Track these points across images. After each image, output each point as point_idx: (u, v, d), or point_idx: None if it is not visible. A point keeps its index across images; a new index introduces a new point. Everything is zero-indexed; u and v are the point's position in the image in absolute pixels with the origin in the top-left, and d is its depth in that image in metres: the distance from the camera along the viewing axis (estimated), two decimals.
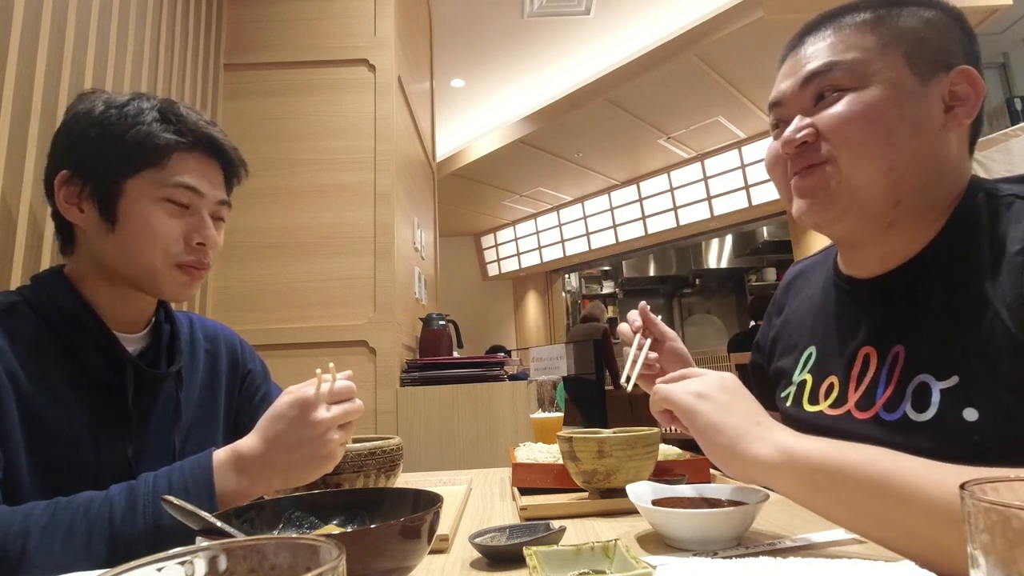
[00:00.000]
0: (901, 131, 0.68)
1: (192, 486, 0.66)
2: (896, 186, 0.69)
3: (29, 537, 0.59)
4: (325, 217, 2.11)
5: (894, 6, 0.73)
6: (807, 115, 0.73)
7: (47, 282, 0.81)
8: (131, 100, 0.82)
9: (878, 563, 0.48)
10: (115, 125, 0.80)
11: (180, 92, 1.82)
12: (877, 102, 0.68)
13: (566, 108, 4.93)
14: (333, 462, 0.71)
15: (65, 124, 0.83)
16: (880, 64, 0.69)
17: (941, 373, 0.65)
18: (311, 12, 2.22)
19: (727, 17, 3.82)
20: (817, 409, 0.79)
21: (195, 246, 0.83)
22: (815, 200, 0.72)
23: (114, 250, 0.81)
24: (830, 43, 0.72)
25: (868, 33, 0.71)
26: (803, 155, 0.72)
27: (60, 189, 0.80)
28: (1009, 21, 4.86)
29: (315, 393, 0.71)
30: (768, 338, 0.98)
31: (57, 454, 0.74)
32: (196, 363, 0.94)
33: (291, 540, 0.28)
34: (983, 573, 0.30)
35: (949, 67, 0.70)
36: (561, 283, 8.32)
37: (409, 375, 2.14)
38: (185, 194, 0.82)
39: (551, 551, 0.54)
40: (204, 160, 0.85)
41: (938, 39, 0.71)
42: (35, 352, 0.75)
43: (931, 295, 0.69)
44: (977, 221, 0.68)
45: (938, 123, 0.69)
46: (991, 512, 0.29)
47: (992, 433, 0.61)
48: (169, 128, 0.81)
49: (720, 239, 8.36)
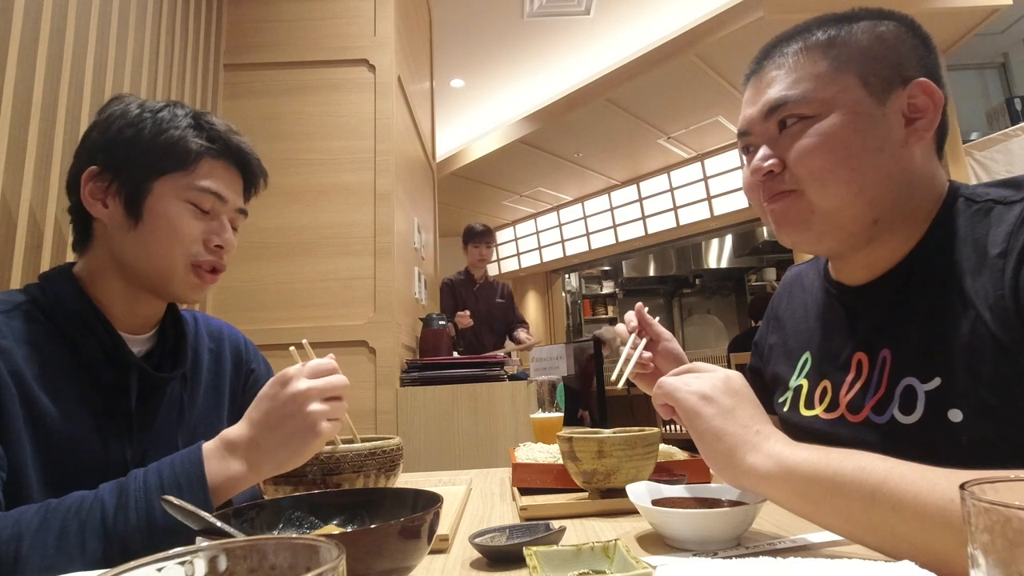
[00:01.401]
0: (864, 154, 0.69)
1: (184, 479, 0.65)
2: (870, 206, 0.70)
3: (22, 541, 0.59)
4: (325, 217, 2.11)
5: (845, 23, 0.73)
6: (773, 143, 0.74)
7: (55, 281, 0.81)
8: (166, 106, 0.85)
9: (878, 563, 0.48)
10: (149, 128, 0.82)
11: (180, 92, 1.82)
12: (837, 130, 0.69)
13: (566, 108, 4.93)
14: (320, 438, 0.69)
15: (99, 123, 0.84)
16: (835, 89, 0.70)
17: (925, 376, 0.67)
18: (311, 12, 2.22)
19: (727, 17, 3.82)
20: (813, 414, 0.80)
21: (213, 248, 0.86)
22: (790, 225, 0.74)
23: (134, 246, 0.82)
24: (786, 71, 0.73)
25: (820, 58, 0.72)
26: (772, 183, 0.74)
27: (87, 184, 0.82)
28: (1009, 21, 4.86)
29: (295, 368, 0.71)
30: (765, 343, 0.99)
31: (62, 455, 0.74)
32: (200, 362, 0.95)
33: (291, 540, 0.28)
34: (983, 573, 0.30)
35: (905, 81, 0.70)
36: (561, 283, 8.31)
37: (409, 375, 2.14)
38: (209, 199, 0.85)
39: (551, 551, 0.54)
40: (230, 169, 0.88)
41: (891, 55, 0.71)
42: (40, 352, 0.75)
43: (916, 300, 0.71)
44: (957, 226, 0.69)
45: (900, 139, 0.70)
46: (991, 512, 0.29)
47: (978, 433, 0.62)
48: (201, 135, 0.84)
49: (720, 239, 8.35)
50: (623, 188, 6.60)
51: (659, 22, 4.13)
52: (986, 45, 5.19)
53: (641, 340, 0.97)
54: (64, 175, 1.24)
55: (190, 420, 0.90)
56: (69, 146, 1.27)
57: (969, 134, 4.69)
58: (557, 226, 7.38)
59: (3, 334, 0.73)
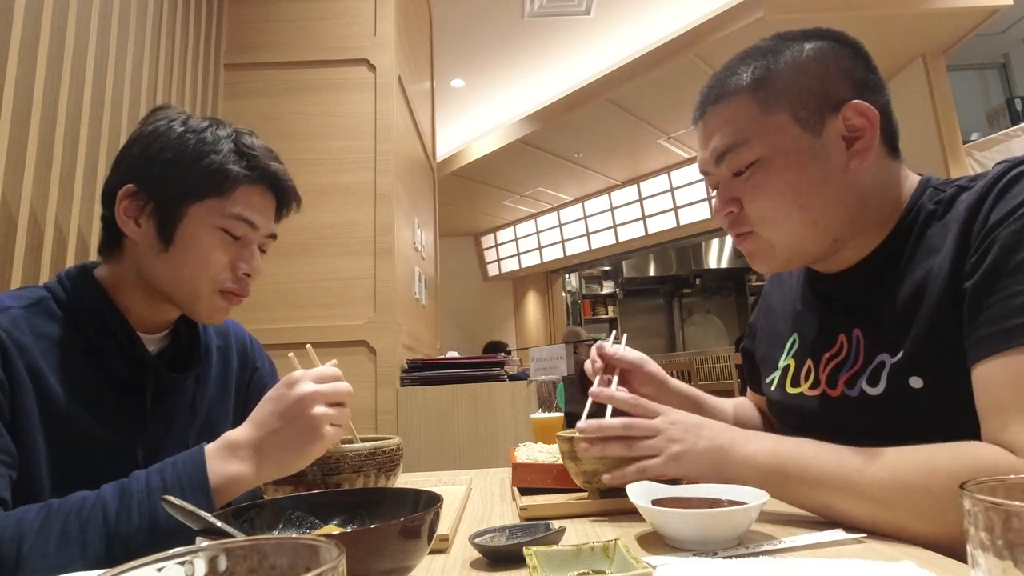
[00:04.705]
0: (810, 189, 0.72)
1: (186, 480, 0.65)
2: (826, 231, 0.74)
3: (23, 541, 0.59)
4: (325, 217, 2.11)
5: (771, 55, 0.75)
6: (729, 184, 0.78)
7: (76, 280, 0.81)
8: (208, 127, 0.84)
9: (878, 563, 0.48)
10: (191, 150, 0.81)
11: (180, 92, 1.82)
12: (780, 172, 0.73)
13: (566, 108, 4.93)
14: (323, 442, 0.70)
15: (141, 138, 0.83)
16: (771, 131, 0.73)
17: (894, 350, 0.70)
18: (311, 12, 2.22)
19: (727, 17, 3.82)
20: (798, 391, 0.85)
21: (241, 276, 0.85)
22: (758, 259, 0.80)
23: (163, 269, 0.82)
24: (724, 120, 0.76)
25: (751, 102, 0.74)
26: (734, 224, 0.79)
27: (122, 202, 0.81)
28: (1009, 21, 4.86)
29: (301, 372, 0.71)
30: (758, 326, 1.03)
31: (75, 453, 0.74)
32: (209, 360, 0.95)
33: (291, 540, 0.28)
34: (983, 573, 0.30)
35: (836, 106, 0.72)
36: (561, 283, 8.31)
37: (409, 375, 2.14)
38: (241, 227, 0.84)
39: (551, 551, 0.54)
40: (265, 194, 0.88)
41: (816, 84, 0.73)
42: (58, 349, 0.75)
43: (886, 281, 0.74)
44: (925, 214, 0.73)
45: (842, 164, 0.73)
46: (991, 512, 0.29)
47: (937, 400, 0.66)
48: (241, 162, 0.83)
49: (720, 239, 8.35)
50: (623, 188, 6.60)
51: (659, 22, 4.13)
52: (986, 45, 5.19)
53: (613, 378, 0.92)
54: (64, 175, 1.24)
55: (200, 418, 0.90)
56: (69, 147, 1.27)
57: (969, 134, 4.69)
58: (557, 226, 7.38)
59: (22, 329, 0.73)
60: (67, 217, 1.26)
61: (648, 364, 0.98)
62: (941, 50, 4.11)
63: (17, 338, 0.72)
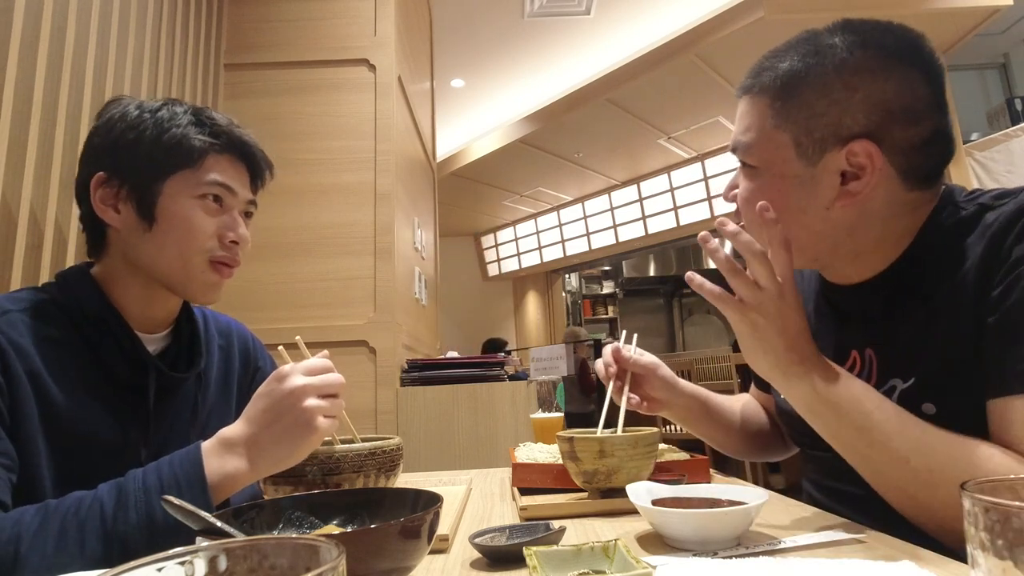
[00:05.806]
0: (786, 214, 0.72)
1: (183, 479, 0.65)
2: (802, 253, 0.75)
3: (21, 542, 0.59)
4: (325, 217, 2.11)
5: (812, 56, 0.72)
6: (739, 171, 0.80)
7: (73, 281, 0.81)
8: (164, 105, 0.85)
9: (878, 563, 0.48)
10: (151, 128, 0.82)
11: (180, 92, 1.82)
12: (763, 187, 0.75)
13: (566, 108, 4.92)
14: (318, 435, 0.69)
15: (99, 128, 0.84)
16: (771, 147, 0.74)
17: (906, 375, 0.70)
18: (311, 12, 2.22)
19: (727, 17, 3.82)
20: None
21: (228, 244, 0.86)
22: None
23: (151, 249, 0.82)
24: (744, 112, 0.78)
25: (767, 108, 0.74)
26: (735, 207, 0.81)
27: (96, 190, 0.82)
28: (1009, 21, 4.86)
29: (290, 365, 0.71)
30: None
31: (77, 454, 0.74)
32: (211, 359, 0.95)
33: (291, 540, 0.28)
34: (983, 572, 0.30)
35: (844, 140, 0.70)
36: (561, 283, 8.31)
37: (409, 375, 2.14)
38: (219, 191, 0.84)
39: (551, 551, 0.54)
40: (235, 162, 0.88)
41: (835, 111, 0.70)
42: (58, 351, 0.75)
43: (901, 302, 0.73)
44: (944, 234, 0.71)
45: (827, 200, 0.72)
46: (991, 512, 0.29)
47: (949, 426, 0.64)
48: (203, 131, 0.84)
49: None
50: (623, 188, 6.60)
51: (659, 22, 4.13)
52: (987, 45, 5.19)
53: (625, 383, 0.92)
54: (64, 175, 1.24)
55: (202, 418, 0.90)
56: (70, 146, 1.27)
57: (969, 134, 4.69)
58: (557, 226, 7.37)
59: (21, 332, 0.73)
60: (67, 217, 1.26)
61: (661, 368, 0.97)
62: (941, 50, 4.11)
63: (16, 341, 0.72)
